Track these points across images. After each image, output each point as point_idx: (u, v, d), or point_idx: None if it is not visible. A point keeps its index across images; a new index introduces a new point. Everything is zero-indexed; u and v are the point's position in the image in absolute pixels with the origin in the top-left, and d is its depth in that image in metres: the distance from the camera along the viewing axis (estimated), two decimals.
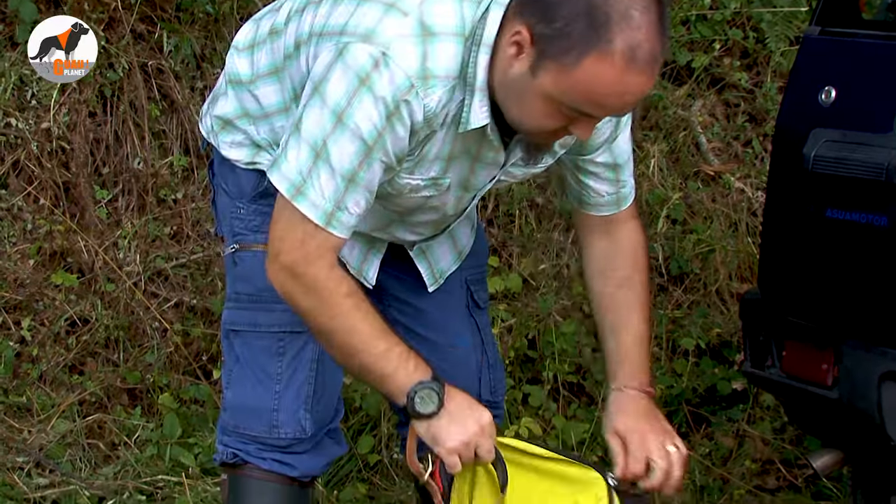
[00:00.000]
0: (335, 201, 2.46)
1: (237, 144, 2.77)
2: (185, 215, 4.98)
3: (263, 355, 2.77)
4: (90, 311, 4.64)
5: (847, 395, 3.13)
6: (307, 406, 2.78)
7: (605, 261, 2.83)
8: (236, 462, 2.83)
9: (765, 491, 4.40)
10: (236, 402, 2.82)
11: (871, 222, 3.02)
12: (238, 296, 2.80)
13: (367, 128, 2.41)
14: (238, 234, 2.78)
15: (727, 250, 5.10)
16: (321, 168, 2.44)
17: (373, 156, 2.44)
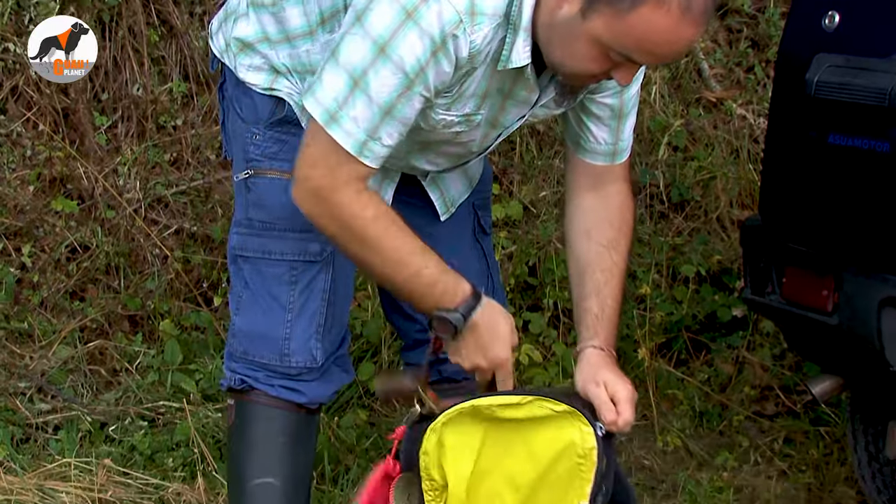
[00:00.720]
0: (369, 131, 2.45)
1: (255, 68, 2.76)
2: (185, 142, 4.97)
3: (275, 283, 2.78)
4: (90, 237, 4.64)
5: (847, 321, 3.13)
6: (318, 336, 2.80)
7: (593, 219, 2.80)
8: (244, 388, 2.85)
9: (763, 417, 4.42)
10: (246, 329, 2.83)
11: (874, 148, 3.01)
12: (250, 222, 2.80)
13: (410, 61, 2.40)
14: (253, 159, 2.78)
15: (728, 177, 5.09)
16: (358, 98, 2.43)
17: (413, 89, 2.43)
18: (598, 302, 2.75)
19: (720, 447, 4.21)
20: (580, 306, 2.78)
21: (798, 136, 3.23)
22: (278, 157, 2.74)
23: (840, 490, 3.95)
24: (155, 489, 3.63)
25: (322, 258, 2.77)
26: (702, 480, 3.95)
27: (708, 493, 3.83)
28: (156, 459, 3.80)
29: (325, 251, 2.77)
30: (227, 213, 4.77)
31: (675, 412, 4.38)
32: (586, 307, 2.76)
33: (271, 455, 2.86)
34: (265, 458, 2.86)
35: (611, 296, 2.76)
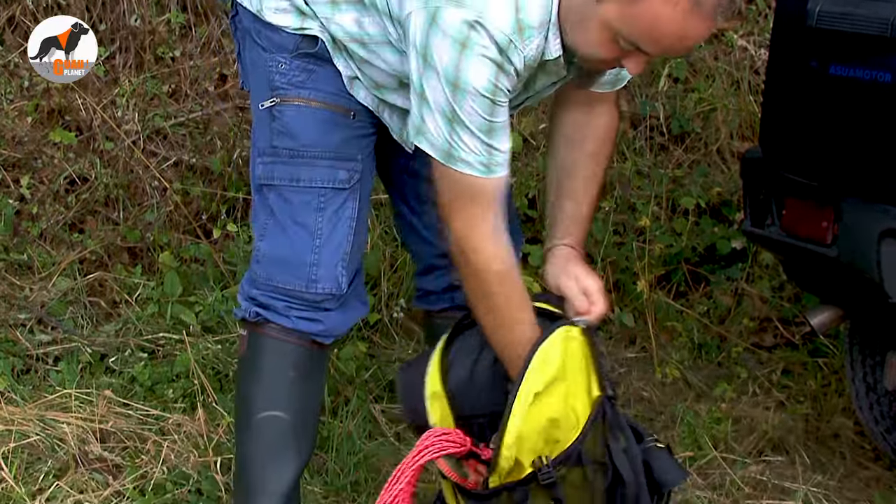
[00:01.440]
0: (484, 151, 2.55)
1: (282, 11, 2.77)
2: (184, 73, 4.95)
3: (303, 210, 2.80)
4: (89, 169, 4.63)
5: (846, 252, 3.13)
6: (344, 263, 2.82)
7: (578, 129, 2.87)
8: (258, 320, 2.86)
9: (762, 348, 4.43)
10: (272, 255, 2.84)
11: (875, 78, 2.99)
12: (276, 150, 2.81)
13: (483, 84, 2.50)
14: (278, 87, 2.79)
15: (729, 109, 5.07)
16: (460, 131, 2.53)
17: (497, 102, 2.53)
18: (575, 205, 2.85)
19: (718, 378, 4.23)
20: (556, 206, 2.88)
21: (799, 66, 3.21)
22: (305, 85, 2.76)
23: (838, 421, 3.97)
24: (155, 420, 3.65)
25: (349, 186, 2.80)
26: (700, 412, 3.97)
27: (706, 425, 3.85)
28: (156, 391, 3.82)
29: (352, 179, 2.81)
30: (225, 145, 4.76)
31: (673, 344, 4.39)
32: (561, 207, 2.86)
33: (281, 389, 2.88)
34: (274, 392, 2.88)
35: (586, 202, 2.87)
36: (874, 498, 3.58)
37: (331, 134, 2.78)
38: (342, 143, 2.79)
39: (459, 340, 2.78)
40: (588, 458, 2.69)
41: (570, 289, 2.76)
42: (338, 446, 3.58)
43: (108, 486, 3.35)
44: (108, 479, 3.38)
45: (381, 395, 3.97)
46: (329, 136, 2.77)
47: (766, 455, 3.81)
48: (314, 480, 3.46)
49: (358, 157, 2.81)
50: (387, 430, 3.78)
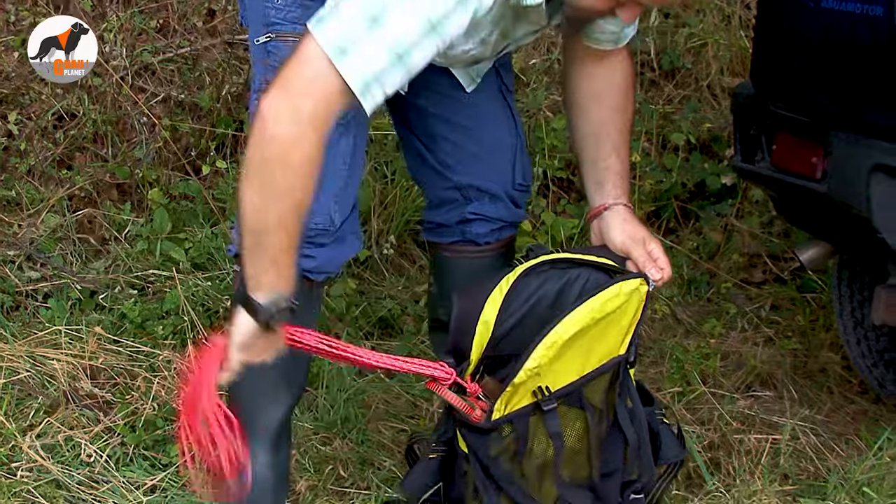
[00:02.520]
0: (376, 74, 2.40)
1: None
2: (172, 8, 4.91)
3: None
4: (77, 105, 4.60)
5: (836, 187, 3.13)
6: (336, 198, 2.81)
7: (602, 84, 2.87)
8: None
9: (751, 284, 4.44)
10: None
11: (867, 12, 2.97)
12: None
13: (437, 9, 2.38)
14: (274, 23, 2.76)
15: (720, 44, 5.06)
16: (374, 37, 2.38)
17: (431, 37, 2.40)
18: (620, 161, 2.88)
19: (708, 314, 4.25)
20: (599, 165, 2.88)
21: (790, 0, 3.19)
22: (301, 21, 2.68)
23: (825, 356, 3.99)
24: (145, 357, 3.65)
25: (344, 122, 2.73)
26: (689, 347, 3.99)
27: (695, 360, 3.86)
28: (146, 327, 3.82)
29: (346, 115, 2.70)
30: (214, 81, 4.73)
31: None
32: (608, 165, 2.87)
33: None
34: None
35: (626, 156, 2.90)
36: (860, 431, 3.61)
37: None
38: None
39: (524, 281, 2.75)
40: (588, 402, 2.73)
41: (638, 252, 2.79)
42: (328, 383, 3.59)
43: (99, 423, 3.36)
44: (99, 416, 3.39)
45: (372, 332, 3.99)
46: None
47: (755, 390, 3.84)
48: (304, 416, 3.47)
49: None
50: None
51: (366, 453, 3.36)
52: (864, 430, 3.61)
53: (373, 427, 3.49)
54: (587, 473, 2.79)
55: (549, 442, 2.74)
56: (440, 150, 2.99)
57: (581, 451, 2.77)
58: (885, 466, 3.36)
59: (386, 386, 3.70)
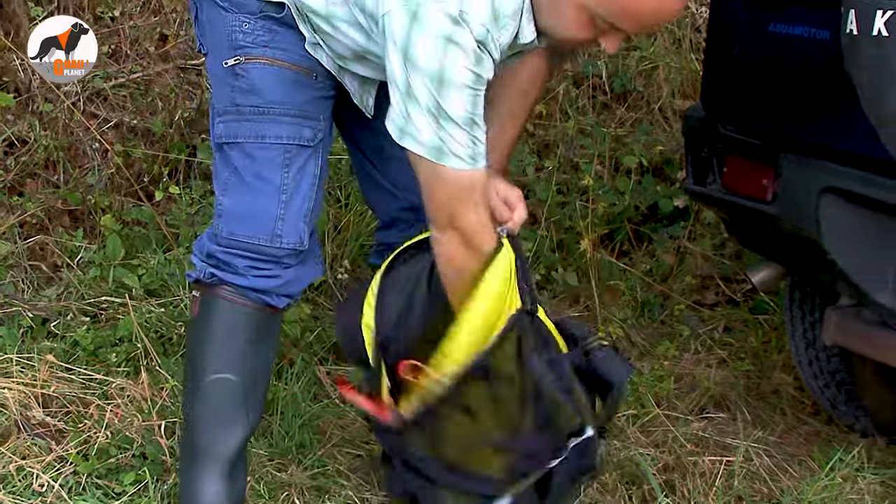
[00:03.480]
0: (471, 142, 2.55)
1: None
2: (124, 33, 4.90)
3: (268, 166, 2.81)
4: (28, 131, 4.58)
5: (786, 209, 3.15)
6: (306, 219, 2.85)
7: (510, 70, 2.89)
8: (213, 282, 2.86)
9: (704, 306, 4.47)
10: (236, 210, 2.84)
11: (814, 36, 3.01)
12: (239, 108, 2.81)
13: (467, 76, 2.49)
14: (243, 46, 2.79)
15: (671, 67, 5.09)
16: (447, 125, 2.52)
17: (479, 92, 2.54)
18: (500, 130, 2.90)
19: (661, 336, 4.26)
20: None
21: (739, 24, 3.22)
22: (270, 45, 2.77)
23: (778, 377, 4.01)
24: (98, 384, 3.62)
25: (314, 144, 2.82)
26: (643, 369, 4.00)
27: (649, 382, 3.87)
28: (99, 355, 3.79)
29: (316, 138, 2.83)
30: (167, 106, 4.72)
31: (617, 303, 4.41)
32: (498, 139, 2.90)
33: (232, 352, 2.88)
34: (226, 355, 2.88)
35: (511, 132, 2.94)
36: (813, 452, 3.63)
37: (295, 93, 2.79)
38: (306, 102, 2.80)
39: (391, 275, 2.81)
40: (495, 373, 2.71)
41: (492, 199, 2.79)
42: (283, 409, 3.58)
43: (51, 452, 3.32)
44: (51, 445, 3.36)
45: (326, 357, 3.97)
46: (294, 95, 2.78)
47: (708, 412, 3.85)
48: (259, 443, 3.46)
49: (320, 116, 2.83)
50: (331, 392, 3.78)
51: (322, 480, 3.35)
52: (817, 451, 3.63)
53: (328, 453, 3.47)
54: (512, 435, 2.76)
55: (464, 419, 2.72)
56: (392, 169, 3.01)
57: (500, 418, 2.74)
58: (838, 487, 3.38)
59: (341, 411, 3.69)
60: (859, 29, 2.60)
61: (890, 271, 3.04)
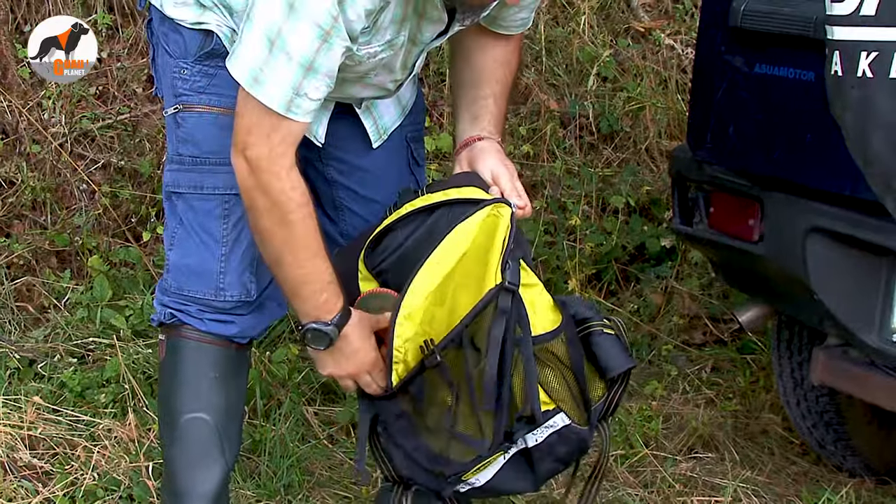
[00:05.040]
0: (294, 88, 2.47)
1: (182, 3, 2.74)
2: (111, 75, 4.91)
3: (208, 218, 2.77)
4: (15, 172, 4.58)
5: (773, 250, 3.16)
6: (252, 269, 2.80)
7: (489, 42, 2.88)
8: (174, 322, 2.85)
9: (691, 346, 4.47)
10: (180, 264, 2.82)
11: (799, 77, 3.03)
12: (181, 157, 2.78)
13: (321, 14, 2.41)
14: (181, 94, 2.76)
15: (657, 107, 5.11)
16: (277, 56, 2.44)
17: (330, 41, 2.44)
18: (498, 108, 2.89)
19: (649, 376, 4.26)
20: (479, 103, 2.88)
21: (725, 65, 3.24)
22: (207, 90, 2.73)
23: (766, 417, 4.01)
24: (85, 426, 3.62)
25: None
26: (631, 409, 3.99)
27: (637, 423, 3.87)
28: (86, 396, 3.78)
29: None
30: (154, 148, 4.72)
31: None
32: (486, 105, 2.88)
33: (202, 390, 2.86)
34: (196, 394, 2.86)
35: (503, 104, 2.90)
36: (801, 492, 3.62)
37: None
38: None
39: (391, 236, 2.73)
40: (468, 341, 2.66)
41: (505, 181, 2.78)
42: (270, 449, 3.57)
43: (38, 494, 3.31)
44: (38, 487, 3.35)
45: (314, 398, 3.97)
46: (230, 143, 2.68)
47: (697, 452, 3.85)
48: (247, 484, 3.45)
49: None
50: (319, 433, 3.77)
51: None
52: (805, 491, 3.62)
53: (316, 494, 3.47)
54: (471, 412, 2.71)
55: (448, 390, 2.69)
56: (344, 221, 2.99)
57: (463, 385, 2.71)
58: None
59: (329, 452, 3.68)
60: (844, 70, 2.60)
61: (876, 311, 3.04)
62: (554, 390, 2.72)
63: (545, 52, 5.17)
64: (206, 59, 2.73)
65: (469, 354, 2.65)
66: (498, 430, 2.70)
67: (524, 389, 2.68)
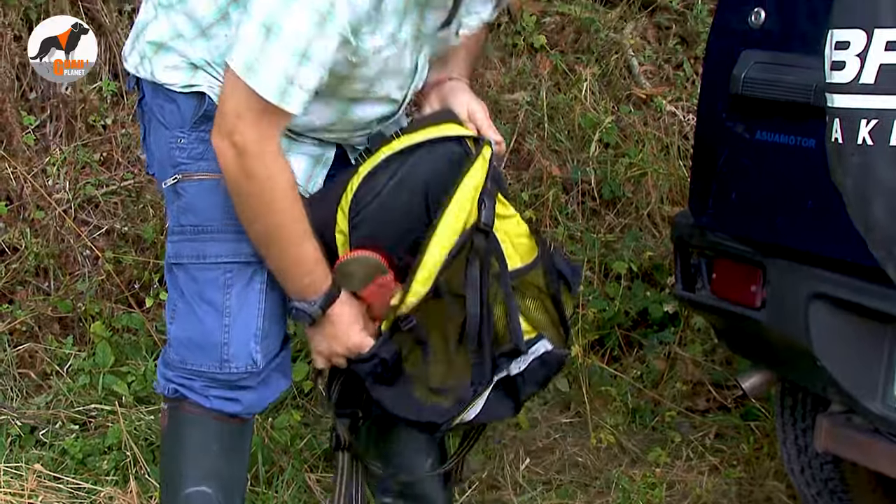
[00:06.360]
0: (287, 76, 2.47)
1: (172, 67, 2.71)
2: (115, 141, 4.93)
3: (210, 288, 2.74)
4: (19, 239, 4.59)
5: (775, 316, 3.16)
6: (257, 339, 2.76)
7: None
8: (177, 397, 2.82)
9: (695, 412, 4.45)
10: (182, 338, 2.78)
11: (800, 144, 3.04)
12: (182, 228, 2.75)
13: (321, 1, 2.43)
14: (180, 163, 2.73)
15: (659, 173, 5.13)
16: (273, 43, 2.44)
17: (326, 28, 2.45)
18: (466, 52, 2.90)
19: (653, 443, 4.24)
20: (447, 52, 2.88)
21: (726, 132, 3.25)
22: (205, 157, 2.70)
23: (770, 484, 3.99)
24: (87, 494, 3.60)
25: (256, 258, 2.72)
26: (635, 477, 3.97)
27: (641, 490, 3.85)
28: (87, 463, 3.77)
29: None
30: (158, 213, 4.74)
31: (608, 409, 4.40)
32: (454, 52, 2.89)
33: (205, 463, 2.84)
34: (198, 467, 2.84)
35: (471, 59, 2.94)
36: None
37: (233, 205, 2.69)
38: None
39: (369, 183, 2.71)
40: (444, 289, 2.69)
41: (481, 118, 2.78)
42: None
43: None
44: None
45: (316, 465, 3.95)
46: (232, 208, 2.67)
47: None
48: None
49: None
50: (321, 499, 3.75)
51: None
52: None
53: None
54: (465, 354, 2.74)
55: (418, 348, 2.72)
56: None
57: (451, 335, 2.73)
58: None
59: None
60: (844, 137, 2.61)
61: (880, 378, 3.03)
62: (535, 319, 2.79)
63: (547, 118, 5.19)
64: (201, 123, 2.70)
65: (448, 302, 2.68)
66: (482, 371, 2.74)
67: (507, 325, 2.73)
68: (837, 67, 2.59)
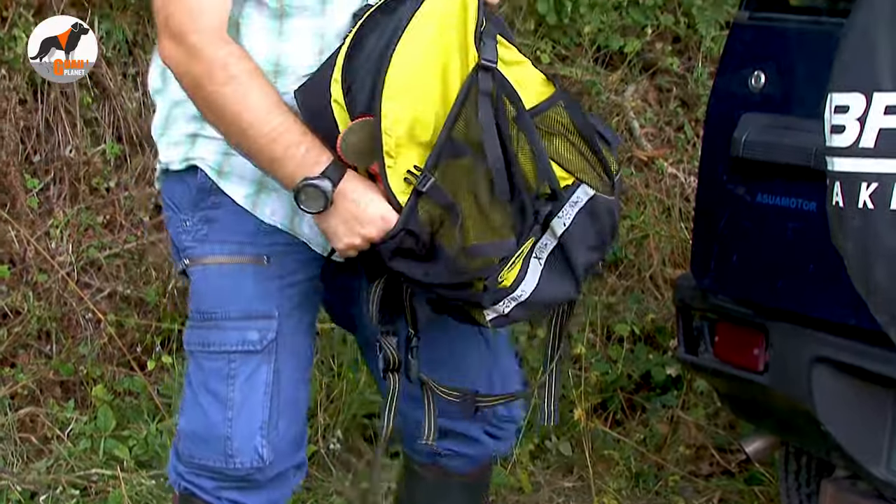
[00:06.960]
0: None
1: (174, 144, 2.63)
2: (118, 204, 4.94)
3: (214, 378, 2.61)
4: (21, 302, 4.59)
5: (778, 380, 3.15)
6: (263, 433, 2.61)
7: None
8: (187, 494, 2.70)
9: (699, 477, 4.43)
10: (188, 430, 2.67)
11: (801, 207, 3.04)
12: (192, 314, 2.66)
13: None
14: (186, 248, 2.64)
15: (661, 236, 5.13)
16: None
17: None
18: None
19: None
20: None
21: (727, 195, 3.26)
22: (209, 239, 2.60)
23: None
24: None
25: (262, 348, 2.60)
26: None
27: None
28: None
29: (265, 339, 2.60)
30: (160, 276, 4.74)
31: (611, 473, 4.38)
32: None
33: None
34: None
35: None
36: None
37: (239, 291, 2.59)
38: (253, 298, 2.58)
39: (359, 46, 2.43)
40: (461, 143, 2.38)
41: None
42: None
43: None
44: None
45: None
46: (237, 294, 2.57)
47: None
48: None
49: (274, 312, 2.59)
50: None
51: None
52: None
53: None
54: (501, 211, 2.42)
55: (446, 214, 2.38)
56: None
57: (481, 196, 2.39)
58: None
59: None
60: (844, 201, 2.61)
61: (884, 443, 3.02)
62: (567, 161, 2.48)
63: None
64: (201, 200, 2.60)
65: (470, 158, 2.38)
66: (523, 220, 2.43)
67: (535, 167, 2.43)
68: (837, 131, 2.60)
